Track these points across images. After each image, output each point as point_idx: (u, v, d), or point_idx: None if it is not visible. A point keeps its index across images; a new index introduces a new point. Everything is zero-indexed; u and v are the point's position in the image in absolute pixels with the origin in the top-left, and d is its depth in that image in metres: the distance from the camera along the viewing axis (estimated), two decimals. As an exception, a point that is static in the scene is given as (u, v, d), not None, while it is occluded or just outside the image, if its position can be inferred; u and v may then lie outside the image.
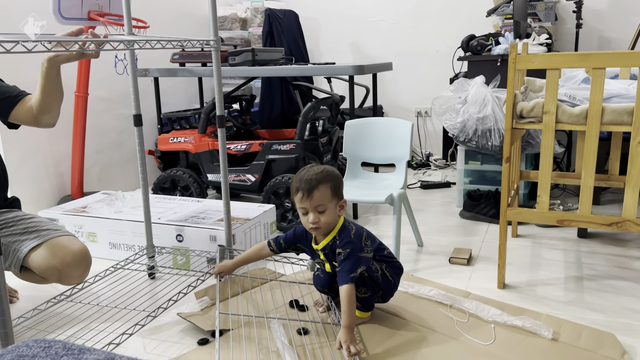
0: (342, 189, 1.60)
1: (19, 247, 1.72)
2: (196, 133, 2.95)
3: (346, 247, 1.56)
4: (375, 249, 1.65)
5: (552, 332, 1.59)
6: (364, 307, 1.67)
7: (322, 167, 1.60)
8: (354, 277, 1.53)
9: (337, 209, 1.59)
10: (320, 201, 1.55)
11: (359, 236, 1.60)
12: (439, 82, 3.93)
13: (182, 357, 1.55)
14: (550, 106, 1.80)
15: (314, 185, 1.53)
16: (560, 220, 1.87)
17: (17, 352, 0.80)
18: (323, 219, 1.56)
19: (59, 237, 1.75)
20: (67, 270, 1.72)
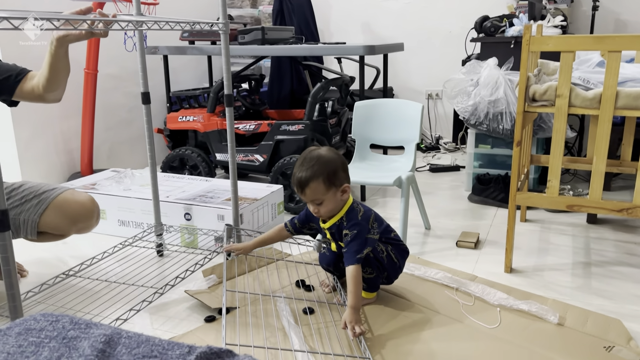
0: (340, 175, 1.56)
1: (28, 217, 1.75)
2: (205, 112, 2.94)
3: (353, 229, 1.56)
4: (382, 231, 1.65)
5: (558, 317, 1.59)
6: (369, 287, 1.67)
7: (316, 156, 1.55)
8: (360, 258, 1.54)
9: (337, 196, 1.57)
10: (313, 196, 1.56)
11: (367, 218, 1.60)
12: (450, 63, 3.88)
13: (189, 334, 1.57)
14: (563, 89, 1.77)
15: (304, 183, 1.54)
16: (570, 206, 1.86)
17: (25, 325, 0.81)
18: (322, 209, 1.58)
19: (61, 195, 1.79)
20: (82, 223, 1.80)
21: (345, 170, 1.59)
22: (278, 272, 1.93)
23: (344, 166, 1.59)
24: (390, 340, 1.49)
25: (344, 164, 1.59)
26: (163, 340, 0.77)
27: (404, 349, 1.45)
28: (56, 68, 1.61)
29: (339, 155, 1.60)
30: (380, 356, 1.42)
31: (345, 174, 1.59)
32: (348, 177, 1.60)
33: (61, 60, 1.60)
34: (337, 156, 1.58)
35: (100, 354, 0.71)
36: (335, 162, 1.56)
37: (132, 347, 0.74)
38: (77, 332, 0.78)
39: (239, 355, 0.74)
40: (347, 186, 1.58)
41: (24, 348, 0.74)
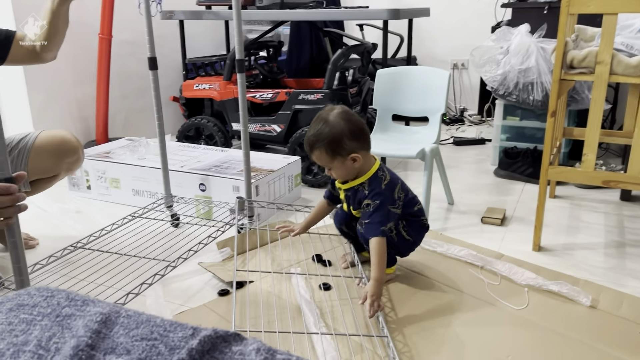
0: (346, 144, 1.42)
1: (16, 170, 1.70)
2: (221, 80, 2.85)
3: (376, 199, 1.46)
4: (405, 203, 1.54)
5: (591, 299, 1.49)
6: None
7: (323, 121, 1.44)
8: (384, 231, 1.45)
9: (347, 164, 1.45)
10: (320, 162, 1.48)
11: (392, 187, 1.49)
12: (479, 31, 3.70)
13: (202, 307, 1.51)
14: (604, 55, 1.63)
15: (309, 149, 1.47)
16: (606, 181, 1.74)
17: (18, 300, 0.74)
18: (334, 173, 1.51)
19: (38, 137, 1.76)
20: (68, 157, 1.79)
21: (356, 137, 1.44)
22: (293, 246, 1.86)
23: (354, 134, 1.43)
24: (411, 320, 1.42)
25: (353, 132, 1.43)
26: (165, 321, 0.70)
27: (426, 329, 1.38)
28: (56, 25, 1.53)
29: (351, 120, 1.44)
30: (402, 335, 1.34)
31: (355, 142, 1.44)
32: (360, 145, 1.45)
33: (62, 17, 1.52)
34: (348, 122, 1.43)
35: (94, 335, 0.64)
36: (340, 131, 1.42)
37: (131, 327, 0.68)
38: (73, 310, 0.71)
39: (247, 339, 0.67)
40: (357, 156, 1.44)
41: (14, 326, 0.68)
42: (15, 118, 2.81)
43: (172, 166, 2.26)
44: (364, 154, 1.47)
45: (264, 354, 0.61)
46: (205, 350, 0.63)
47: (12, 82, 2.74)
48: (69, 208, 2.35)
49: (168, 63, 3.51)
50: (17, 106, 2.78)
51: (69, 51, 2.81)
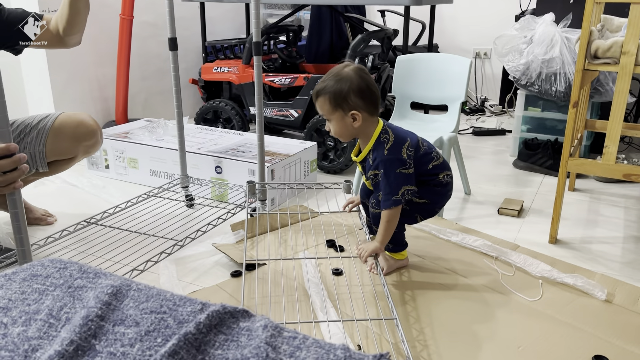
0: (351, 100, 1.38)
1: (34, 150, 1.74)
2: (240, 63, 2.85)
3: (380, 167, 1.41)
4: (416, 160, 1.45)
5: (606, 293, 1.47)
6: (395, 246, 1.56)
7: (337, 71, 1.41)
8: (396, 200, 1.41)
9: (346, 121, 1.41)
10: (321, 112, 1.45)
11: (396, 148, 1.41)
12: (502, 20, 3.64)
13: (214, 287, 1.53)
14: (630, 46, 1.59)
15: (315, 95, 1.44)
16: (627, 175, 1.70)
17: (31, 270, 0.76)
18: (332, 128, 1.45)
19: (58, 119, 1.78)
20: (86, 141, 1.80)
21: (363, 96, 1.39)
22: (306, 230, 1.86)
23: (361, 91, 1.39)
24: (423, 308, 1.41)
25: (362, 89, 1.39)
26: (175, 295, 0.71)
27: (438, 318, 1.37)
28: (76, 8, 1.54)
29: (363, 78, 1.40)
30: (414, 322, 1.34)
31: (360, 100, 1.39)
32: (365, 105, 1.40)
33: (82, 1, 1.52)
34: (359, 79, 1.39)
35: (104, 307, 0.65)
36: (351, 83, 1.38)
37: (141, 300, 0.68)
38: (84, 282, 0.72)
39: (255, 316, 0.67)
40: (357, 114, 1.39)
41: (27, 295, 0.69)
42: (36, 97, 2.85)
43: (190, 148, 2.27)
44: (366, 116, 1.42)
45: (270, 330, 0.62)
46: (213, 324, 0.63)
47: (35, 62, 2.77)
48: (95, 184, 2.38)
49: (188, 46, 3.52)
50: (38, 86, 2.82)
51: (91, 32, 2.83)
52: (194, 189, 2.20)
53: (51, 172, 1.85)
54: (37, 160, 1.75)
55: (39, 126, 1.76)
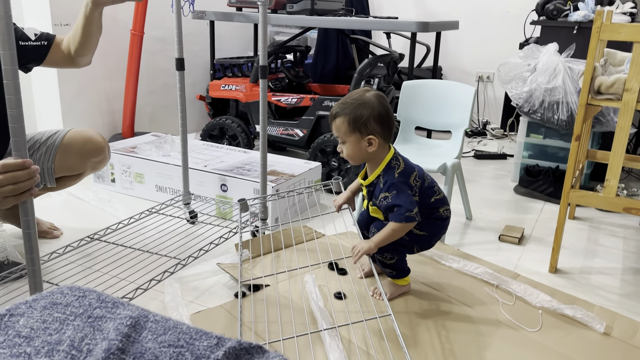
0: (370, 125, 1.42)
1: (43, 166, 1.77)
2: (248, 82, 2.89)
3: (392, 189, 1.43)
4: (421, 191, 1.49)
5: (605, 326, 1.49)
6: (398, 272, 1.59)
7: (359, 96, 1.44)
8: (409, 217, 1.41)
9: (362, 145, 1.44)
10: (337, 132, 1.46)
11: (406, 175, 1.46)
12: (505, 46, 3.69)
13: (219, 308, 1.55)
14: (633, 83, 1.63)
15: (333, 116, 1.46)
16: (627, 208, 1.73)
17: (51, 298, 0.78)
18: (345, 150, 1.47)
19: (67, 135, 1.80)
20: (94, 157, 1.84)
21: (382, 122, 1.43)
22: (310, 251, 1.88)
23: (381, 118, 1.43)
24: (423, 336, 1.43)
25: (382, 116, 1.43)
26: (191, 328, 0.73)
27: (438, 345, 1.39)
28: (89, 31, 1.58)
29: (383, 105, 1.44)
30: (414, 350, 1.36)
31: (379, 126, 1.43)
32: (382, 131, 1.44)
33: (95, 22, 1.56)
34: (380, 105, 1.43)
35: (124, 339, 0.68)
36: (373, 109, 1.42)
37: (159, 333, 0.71)
38: (104, 312, 0.75)
39: (269, 352, 0.69)
40: (373, 138, 1.43)
41: (48, 324, 0.72)
42: (45, 109, 2.88)
43: (196, 165, 2.30)
44: (382, 142, 1.45)
45: (284, 369, 0.64)
46: (230, 362, 0.66)
47: (44, 74, 2.80)
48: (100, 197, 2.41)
49: (196, 61, 3.56)
50: (47, 98, 2.85)
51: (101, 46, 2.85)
52: (196, 205, 2.23)
53: (59, 187, 1.87)
54: (45, 176, 1.78)
55: (47, 142, 1.78)
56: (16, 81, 1.03)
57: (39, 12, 2.69)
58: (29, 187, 1.10)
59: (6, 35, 0.98)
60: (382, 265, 1.58)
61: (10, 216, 1.97)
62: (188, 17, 3.02)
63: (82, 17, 1.56)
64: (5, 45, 0.98)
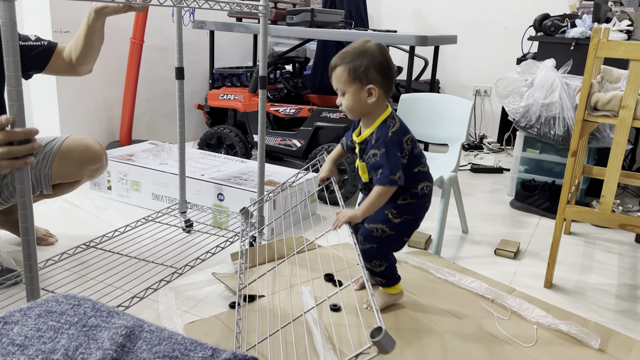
0: (371, 74, 1.38)
1: (39, 173, 1.75)
2: (246, 92, 2.90)
3: (382, 147, 1.40)
4: (410, 158, 1.46)
5: (600, 342, 1.49)
6: (388, 280, 1.57)
7: (360, 45, 1.40)
8: (393, 180, 1.38)
9: (362, 95, 1.40)
10: (336, 83, 1.42)
11: (399, 135, 1.42)
12: (503, 61, 3.73)
13: (213, 318, 1.54)
14: (629, 100, 1.64)
15: (332, 67, 1.42)
16: (622, 225, 1.74)
17: (46, 306, 0.78)
18: (344, 102, 1.43)
19: (64, 143, 1.79)
20: (92, 165, 1.82)
21: (383, 72, 1.40)
22: (306, 262, 1.88)
23: (382, 67, 1.39)
24: (418, 351, 1.43)
25: (383, 66, 1.39)
26: (186, 339, 0.73)
27: (433, 359, 1.39)
28: (91, 40, 1.58)
29: (384, 55, 1.41)
30: (407, 365, 1.36)
31: (380, 76, 1.39)
32: (383, 81, 1.40)
33: (97, 32, 1.57)
34: (381, 55, 1.40)
35: (119, 349, 0.67)
36: (373, 58, 1.38)
37: (154, 343, 0.70)
38: (98, 321, 0.74)
39: (264, 364, 0.69)
40: (374, 88, 1.39)
41: (43, 332, 0.71)
42: (43, 115, 2.88)
43: (193, 174, 2.30)
44: (381, 94, 1.42)
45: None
46: (225, 374, 0.65)
47: (43, 81, 2.80)
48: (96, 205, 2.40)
49: (195, 70, 3.57)
50: (46, 104, 2.85)
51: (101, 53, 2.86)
52: (193, 214, 2.22)
53: (55, 195, 1.87)
54: (42, 183, 1.77)
55: (45, 149, 1.78)
56: (19, 88, 1.03)
57: (40, 18, 2.70)
58: (26, 153, 1.09)
59: (10, 42, 0.98)
60: (372, 274, 1.57)
61: (6, 223, 1.96)
62: (188, 26, 3.04)
63: (85, 26, 1.56)
64: (9, 52, 0.98)
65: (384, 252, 1.52)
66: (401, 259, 1.93)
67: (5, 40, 0.98)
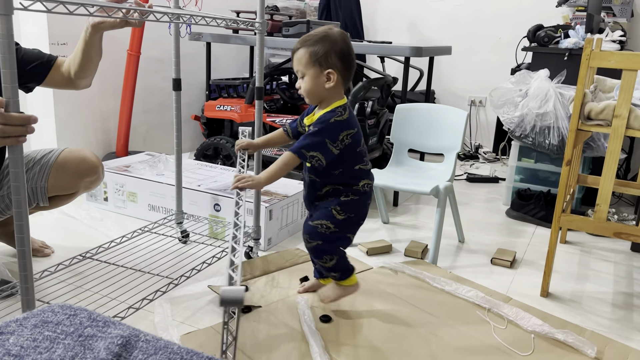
0: (331, 58, 1.41)
1: (36, 185, 1.76)
2: (243, 103, 2.91)
3: (316, 126, 1.43)
4: (351, 154, 1.48)
5: (596, 350, 1.49)
6: (342, 273, 1.58)
7: (322, 30, 1.44)
8: (302, 153, 1.41)
9: (320, 79, 1.42)
10: (297, 65, 1.45)
11: (341, 126, 1.43)
12: (497, 71, 3.75)
13: (209, 329, 1.53)
14: (622, 110, 1.66)
15: (294, 49, 1.45)
16: (617, 233, 1.75)
17: (42, 316, 0.78)
18: (303, 85, 1.45)
19: (61, 155, 1.80)
20: (88, 177, 1.82)
21: (343, 59, 1.43)
22: (301, 274, 1.88)
23: (343, 54, 1.43)
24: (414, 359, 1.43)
25: (344, 53, 1.43)
26: (182, 348, 0.73)
27: (430, 369, 1.39)
28: (89, 54, 1.59)
29: (346, 42, 1.44)
30: (404, 375, 1.35)
31: (340, 62, 1.42)
32: (342, 68, 1.43)
33: (94, 47, 1.58)
34: (342, 42, 1.43)
35: (115, 358, 0.67)
36: (335, 44, 1.41)
37: (149, 353, 0.70)
38: (94, 331, 0.74)
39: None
40: (332, 73, 1.42)
41: (38, 343, 0.71)
42: (39, 127, 2.88)
43: (189, 184, 2.30)
44: (339, 81, 1.44)
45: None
46: (221, 382, 0.65)
47: (40, 92, 2.81)
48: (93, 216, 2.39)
49: (192, 81, 3.59)
50: (42, 115, 2.85)
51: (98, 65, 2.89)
52: (189, 225, 2.22)
53: (51, 207, 1.87)
54: (38, 195, 1.77)
55: (42, 161, 1.78)
56: (15, 99, 1.04)
57: (37, 30, 2.71)
58: (20, 134, 1.10)
59: (7, 54, 0.99)
60: (326, 270, 1.58)
61: (2, 234, 1.95)
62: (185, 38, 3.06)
63: (82, 41, 1.57)
64: (6, 64, 0.99)
65: (331, 247, 1.54)
66: (398, 269, 1.94)
67: (3, 52, 0.98)
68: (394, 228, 2.47)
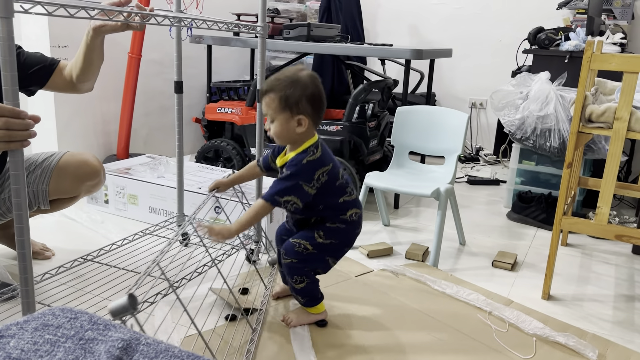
0: (302, 105, 1.38)
1: (37, 189, 1.75)
2: (244, 105, 2.91)
3: (289, 169, 1.40)
4: (331, 189, 1.45)
5: (598, 353, 1.49)
6: (309, 300, 1.55)
7: (292, 73, 1.39)
8: (275, 200, 1.39)
9: (291, 124, 1.39)
10: (266, 109, 1.42)
11: (314, 165, 1.40)
12: (498, 73, 3.75)
13: (209, 332, 1.53)
14: (623, 112, 1.66)
15: (263, 92, 1.41)
16: (618, 236, 1.74)
17: (43, 319, 0.78)
18: (272, 128, 1.42)
19: (62, 159, 1.79)
20: (89, 181, 1.82)
21: (314, 104, 1.39)
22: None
23: (314, 99, 1.39)
24: (417, 362, 1.43)
25: (315, 97, 1.39)
26: (183, 352, 0.73)
27: (431, 372, 1.38)
28: (90, 58, 1.59)
29: (316, 86, 1.40)
30: (405, 378, 1.35)
31: (311, 107, 1.39)
32: (313, 113, 1.40)
33: (96, 50, 1.58)
34: (313, 86, 1.39)
35: (116, 362, 0.67)
36: (306, 88, 1.37)
37: (150, 356, 0.70)
38: (95, 334, 0.74)
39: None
40: (304, 119, 1.38)
41: (39, 346, 0.71)
42: (40, 130, 2.88)
43: (190, 187, 2.30)
44: (310, 125, 1.41)
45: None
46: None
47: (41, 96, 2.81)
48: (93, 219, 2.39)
49: (193, 84, 3.59)
50: (43, 118, 2.84)
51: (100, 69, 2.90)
52: (190, 227, 2.22)
53: (52, 210, 1.86)
54: (39, 198, 1.77)
55: (43, 165, 1.78)
56: (16, 102, 1.04)
57: (37, 30, 2.71)
58: (23, 138, 1.10)
59: (8, 57, 0.99)
60: (292, 290, 1.56)
61: (3, 237, 1.95)
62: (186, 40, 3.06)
63: (84, 45, 1.57)
64: (6, 67, 0.99)
65: (303, 269, 1.50)
66: (399, 271, 1.93)
67: (3, 55, 0.98)
68: (394, 230, 2.47)
